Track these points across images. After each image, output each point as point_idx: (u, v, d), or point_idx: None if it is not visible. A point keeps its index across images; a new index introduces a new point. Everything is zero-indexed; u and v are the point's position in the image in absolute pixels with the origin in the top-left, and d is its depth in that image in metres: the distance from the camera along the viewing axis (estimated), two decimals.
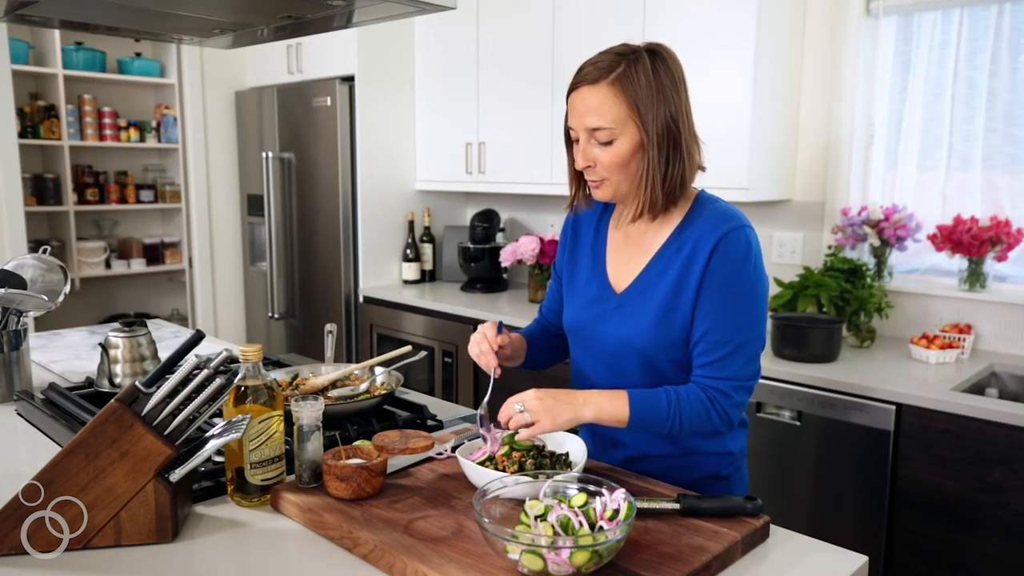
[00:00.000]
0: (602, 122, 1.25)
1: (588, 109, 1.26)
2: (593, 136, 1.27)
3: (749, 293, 1.28)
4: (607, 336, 1.37)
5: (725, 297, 1.26)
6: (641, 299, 1.33)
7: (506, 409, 1.23)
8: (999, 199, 2.49)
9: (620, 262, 1.39)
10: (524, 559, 0.94)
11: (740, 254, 1.26)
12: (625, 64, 1.24)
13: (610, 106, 1.25)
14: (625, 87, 1.24)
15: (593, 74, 1.26)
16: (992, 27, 2.42)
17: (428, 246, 3.78)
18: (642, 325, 1.32)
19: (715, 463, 1.38)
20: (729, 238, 1.26)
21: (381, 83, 3.56)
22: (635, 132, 1.26)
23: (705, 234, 1.28)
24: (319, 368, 1.72)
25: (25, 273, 1.83)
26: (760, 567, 1.07)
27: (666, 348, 1.31)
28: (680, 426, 1.26)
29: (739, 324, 1.27)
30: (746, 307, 1.28)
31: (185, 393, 1.15)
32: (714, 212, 1.31)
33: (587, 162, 1.29)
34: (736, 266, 1.26)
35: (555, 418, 1.21)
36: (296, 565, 1.08)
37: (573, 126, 1.30)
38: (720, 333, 1.26)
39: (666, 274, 1.31)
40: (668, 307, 1.30)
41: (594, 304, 1.40)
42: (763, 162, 2.64)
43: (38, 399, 1.69)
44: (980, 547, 1.94)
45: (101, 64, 3.97)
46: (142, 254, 4.24)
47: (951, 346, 2.33)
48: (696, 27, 2.63)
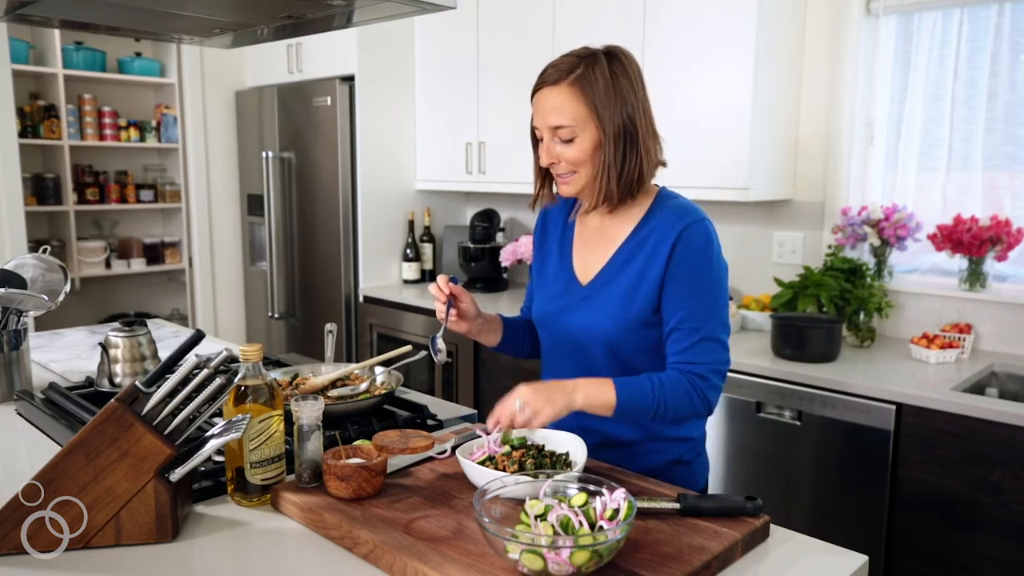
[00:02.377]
0: (563, 120, 1.33)
1: (550, 108, 1.34)
2: (556, 134, 1.34)
3: (715, 281, 1.35)
4: (572, 326, 1.44)
5: (693, 286, 1.34)
6: (605, 290, 1.41)
7: (505, 409, 1.27)
8: (999, 199, 2.49)
9: (586, 256, 1.47)
10: (524, 559, 0.94)
11: (702, 245, 1.34)
12: (584, 66, 1.32)
13: (570, 105, 1.32)
14: (584, 87, 1.32)
15: (554, 76, 1.33)
16: (992, 27, 2.42)
17: (428, 246, 3.78)
18: (605, 314, 1.39)
19: (677, 449, 1.45)
20: (690, 231, 1.34)
21: (381, 83, 3.56)
22: (594, 130, 1.33)
23: (667, 228, 1.35)
24: (319, 368, 1.72)
25: (25, 273, 1.83)
26: (760, 567, 1.07)
27: (628, 336, 1.38)
28: (665, 410, 1.31)
29: (708, 311, 1.34)
30: (713, 294, 1.35)
31: (185, 393, 1.15)
32: (673, 207, 1.39)
33: (551, 159, 1.37)
34: (700, 256, 1.34)
35: (553, 405, 1.26)
36: (296, 565, 1.08)
37: (537, 125, 1.38)
38: (693, 320, 1.33)
39: (629, 266, 1.39)
40: (630, 297, 1.37)
41: (561, 296, 1.47)
42: (763, 162, 2.64)
43: (38, 399, 1.69)
44: (980, 547, 1.94)
45: (101, 64, 3.97)
46: (142, 254, 4.24)
47: (951, 346, 2.33)
48: (696, 27, 2.63)
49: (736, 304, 2.77)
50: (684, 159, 2.68)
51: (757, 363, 2.29)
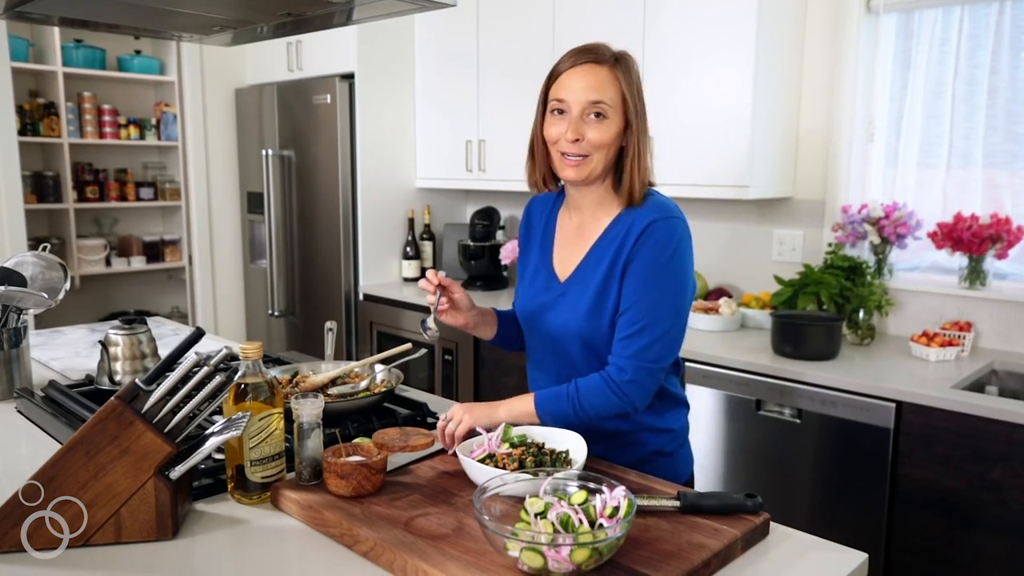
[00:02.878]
0: (604, 97, 1.34)
1: (592, 85, 1.34)
2: (591, 110, 1.34)
3: (666, 279, 1.35)
4: (550, 323, 1.47)
5: (642, 279, 1.35)
6: (580, 286, 1.43)
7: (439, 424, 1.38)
8: (999, 197, 2.49)
9: (566, 252, 1.49)
10: (524, 556, 0.94)
11: (663, 241, 1.35)
12: (618, 56, 1.37)
13: (610, 85, 1.35)
14: (623, 75, 1.36)
15: (596, 56, 1.35)
16: (993, 24, 2.42)
17: (428, 244, 3.78)
18: (579, 311, 1.41)
19: (658, 440, 1.47)
20: (656, 226, 1.35)
21: (381, 81, 3.56)
22: (622, 117, 1.36)
23: (636, 222, 1.37)
24: (319, 366, 1.72)
25: (25, 271, 1.83)
26: (760, 564, 1.07)
27: (601, 332, 1.40)
28: (585, 410, 1.35)
29: (652, 306, 1.34)
30: (661, 291, 1.34)
31: (185, 391, 1.15)
32: (648, 204, 1.40)
33: (577, 135, 1.35)
34: (658, 252, 1.34)
35: (472, 415, 1.36)
36: (296, 562, 1.08)
37: (567, 99, 1.36)
38: (634, 312, 1.35)
39: (601, 262, 1.40)
40: (602, 293, 1.39)
41: (541, 293, 1.50)
42: (763, 160, 2.64)
43: (38, 397, 1.69)
44: (980, 544, 1.95)
45: (101, 62, 3.96)
46: (142, 252, 4.24)
47: (951, 344, 2.33)
48: (697, 25, 2.63)
49: (736, 302, 2.77)
50: (684, 157, 2.68)
51: (757, 361, 2.29)
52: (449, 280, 1.46)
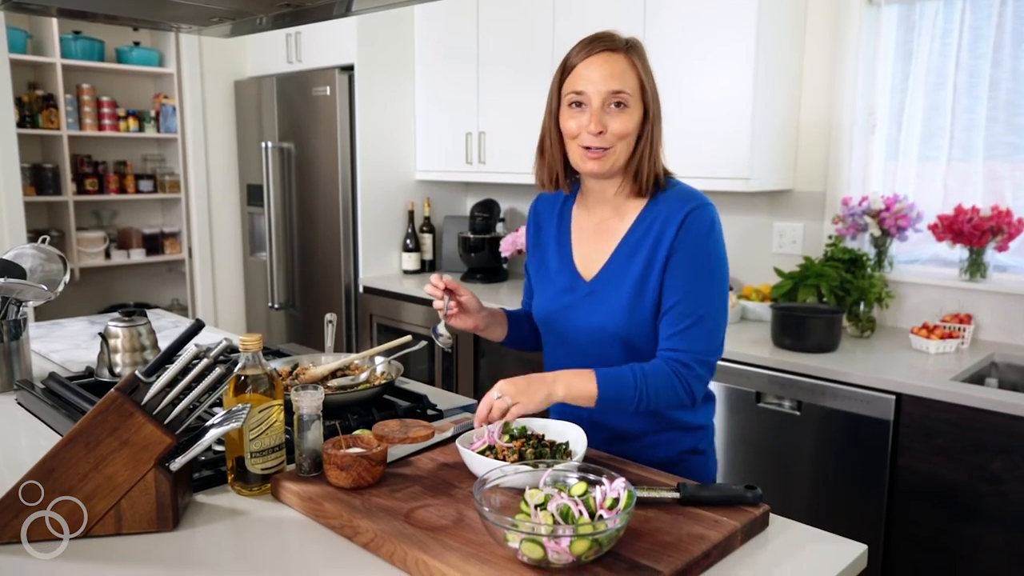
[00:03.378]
0: (624, 86, 1.30)
1: (611, 74, 1.30)
2: (609, 100, 1.30)
3: (713, 267, 1.33)
4: (579, 324, 1.40)
5: (690, 271, 1.31)
6: (612, 284, 1.37)
7: (484, 402, 1.25)
8: (1000, 189, 2.48)
9: (587, 250, 1.43)
10: (524, 547, 0.94)
11: (705, 230, 1.32)
12: (629, 43, 1.34)
13: (629, 73, 1.31)
14: (639, 62, 1.33)
15: (611, 43, 1.32)
16: (995, 16, 2.41)
17: (428, 236, 3.78)
18: (615, 310, 1.36)
19: (691, 438, 1.43)
20: (694, 215, 1.32)
21: (381, 73, 3.55)
22: (641, 105, 1.33)
23: (671, 213, 1.33)
24: (319, 358, 1.72)
25: (24, 263, 1.82)
26: (760, 556, 1.08)
27: (641, 329, 1.35)
28: (648, 400, 1.29)
29: (702, 297, 1.31)
30: (709, 281, 1.32)
31: (185, 382, 1.15)
32: (677, 193, 1.37)
33: (600, 127, 1.30)
34: (701, 241, 1.31)
35: (532, 396, 1.24)
36: (297, 554, 1.08)
37: (586, 90, 1.31)
38: (684, 305, 1.31)
39: (635, 256, 1.36)
40: (639, 289, 1.34)
41: (564, 294, 1.43)
42: (764, 152, 2.63)
43: (38, 388, 1.69)
44: (979, 536, 1.95)
45: (99, 53, 3.95)
46: (142, 244, 4.24)
47: (951, 336, 2.33)
48: (697, 16, 2.62)
49: (736, 294, 2.77)
50: (685, 149, 2.67)
51: (757, 353, 2.29)
52: (455, 283, 1.42)
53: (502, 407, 1.23)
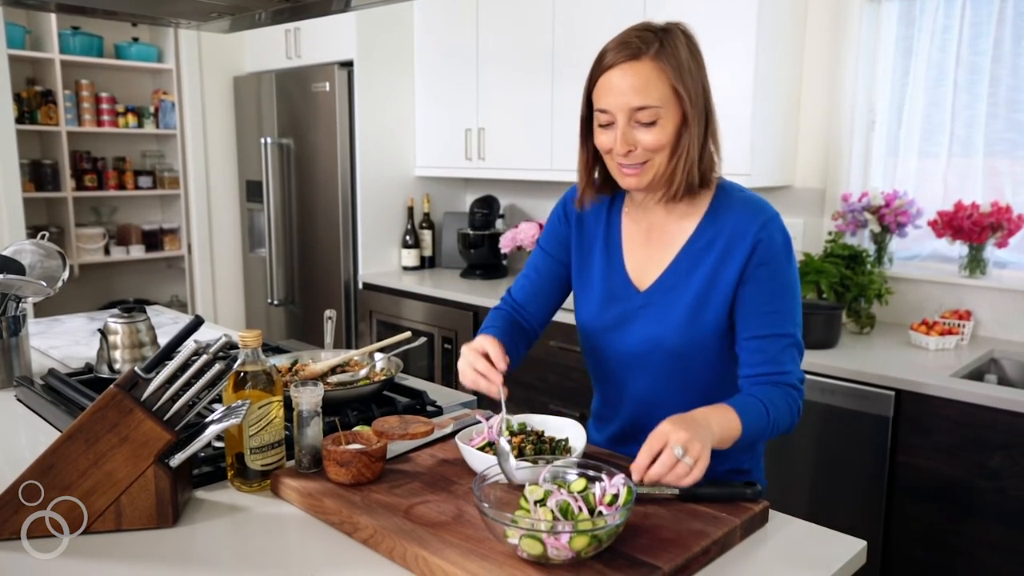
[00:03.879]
0: (648, 100, 1.18)
1: (632, 88, 1.18)
2: (635, 117, 1.20)
3: (794, 283, 1.26)
4: (633, 337, 1.31)
5: (774, 289, 1.23)
6: (669, 297, 1.28)
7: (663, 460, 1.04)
8: (1000, 185, 2.48)
9: (641, 258, 1.33)
10: (523, 544, 0.94)
11: (783, 244, 1.24)
12: (661, 39, 1.20)
13: (655, 83, 1.18)
14: (668, 61, 1.19)
15: (632, 50, 1.19)
16: (995, 12, 2.40)
17: (427, 232, 3.78)
18: (672, 324, 1.27)
19: (739, 457, 1.35)
20: (770, 229, 1.23)
21: (380, 68, 3.54)
22: (678, 109, 1.20)
23: (740, 227, 1.24)
24: (319, 354, 1.72)
25: (24, 259, 1.82)
26: (759, 552, 1.08)
27: (697, 346, 1.27)
28: (774, 431, 1.20)
29: (789, 315, 1.25)
30: (795, 296, 1.26)
31: (184, 379, 1.15)
32: (744, 202, 1.27)
33: (628, 146, 1.21)
34: (782, 258, 1.24)
35: (707, 450, 1.07)
36: (296, 550, 1.08)
37: (609, 108, 1.21)
38: (776, 327, 1.24)
39: (697, 270, 1.26)
40: (700, 304, 1.26)
41: (614, 303, 1.33)
42: (764, 148, 2.63)
43: (38, 385, 1.69)
44: (978, 532, 1.95)
45: (98, 49, 3.94)
46: (141, 240, 4.23)
47: (951, 332, 2.33)
48: (698, 11, 2.61)
49: None
50: None
51: None
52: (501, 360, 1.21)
53: (686, 468, 1.04)
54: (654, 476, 1.04)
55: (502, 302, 1.50)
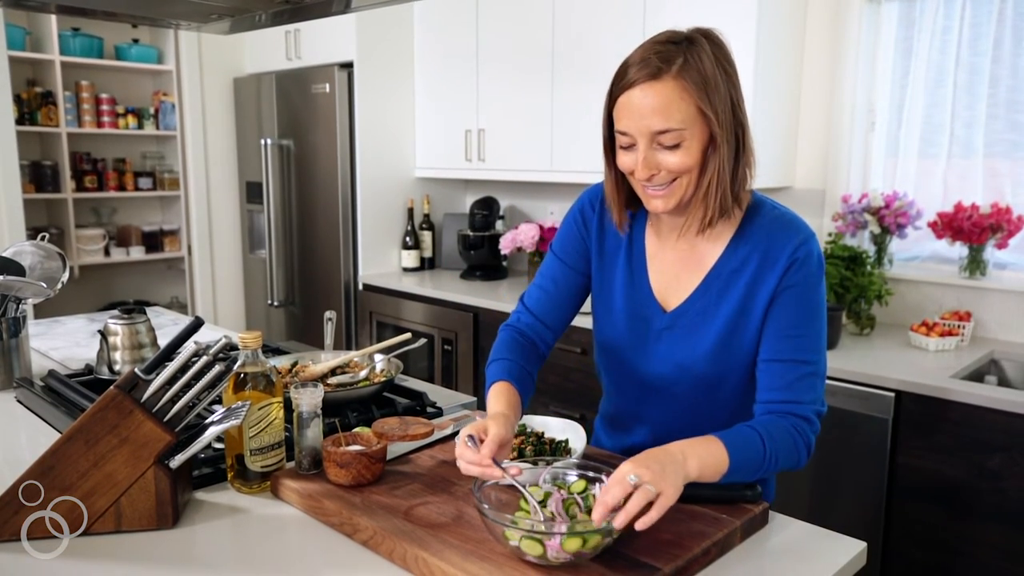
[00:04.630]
0: (670, 123, 1.10)
1: (652, 109, 1.09)
2: (657, 140, 1.12)
3: (823, 309, 1.20)
4: (657, 359, 1.26)
5: (802, 314, 1.17)
6: (699, 320, 1.22)
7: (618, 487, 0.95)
8: (1000, 186, 2.48)
9: (668, 277, 1.26)
10: (524, 544, 0.94)
11: (815, 269, 1.18)
12: (686, 53, 1.10)
13: (678, 104, 1.09)
14: (692, 79, 1.09)
15: (652, 68, 1.09)
16: (995, 13, 2.40)
17: (427, 233, 3.78)
18: (701, 349, 1.21)
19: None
20: (803, 252, 1.17)
21: (380, 70, 3.54)
22: (704, 129, 1.12)
23: (775, 247, 1.17)
24: (319, 355, 1.72)
25: (24, 260, 1.82)
26: (759, 553, 1.08)
27: (731, 374, 1.22)
28: (771, 467, 1.12)
29: (814, 342, 1.18)
30: (820, 323, 1.19)
31: (184, 380, 1.15)
32: (777, 221, 1.20)
33: (651, 170, 1.13)
34: (814, 282, 1.18)
35: (674, 482, 0.97)
36: (296, 551, 1.08)
37: (629, 131, 1.13)
38: (798, 352, 1.17)
39: (729, 292, 1.20)
40: (732, 329, 1.20)
41: (638, 322, 1.27)
42: (764, 148, 2.62)
43: (38, 386, 1.69)
44: (978, 533, 1.95)
45: (98, 50, 3.94)
46: (141, 241, 4.23)
47: (951, 333, 2.33)
48: (698, 13, 2.62)
49: None
50: None
51: None
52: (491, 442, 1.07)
53: (648, 497, 0.94)
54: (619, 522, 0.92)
55: (515, 316, 1.39)
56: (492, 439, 1.07)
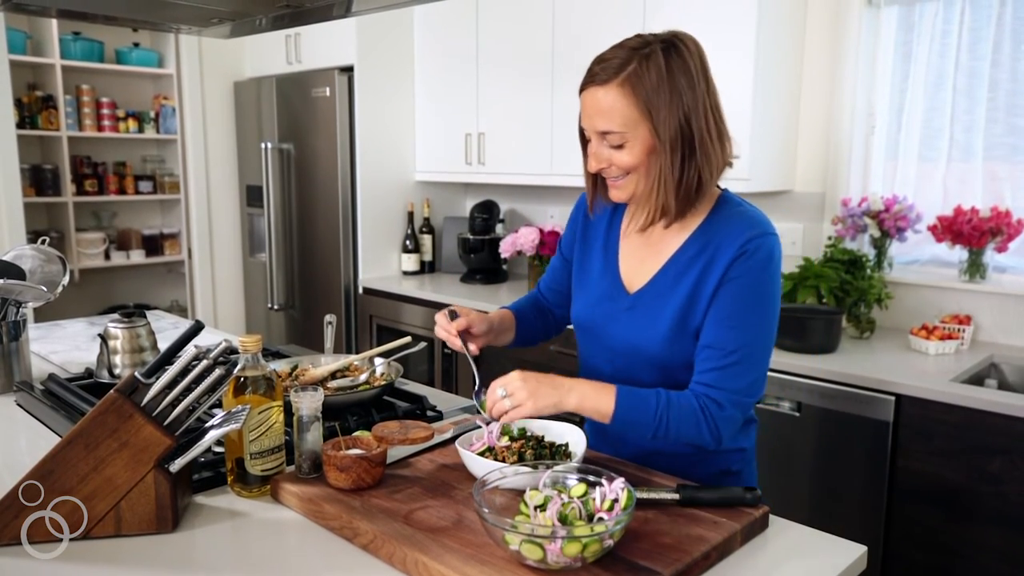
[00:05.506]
0: (612, 125, 1.19)
1: (597, 111, 1.20)
2: (604, 139, 1.22)
3: (765, 304, 1.23)
4: (617, 337, 1.33)
5: (740, 305, 1.21)
6: (655, 304, 1.29)
7: (490, 396, 1.22)
8: (1000, 190, 2.48)
9: (634, 261, 1.35)
10: (524, 549, 0.94)
11: (761, 262, 1.21)
12: (636, 61, 1.17)
13: (620, 109, 1.18)
14: (636, 87, 1.17)
15: (602, 74, 1.19)
16: (994, 16, 2.41)
17: (427, 237, 3.78)
18: (656, 331, 1.28)
19: (728, 459, 1.36)
20: (755, 244, 1.21)
21: (380, 73, 3.55)
22: (647, 135, 1.19)
23: (728, 238, 1.23)
24: (319, 359, 1.72)
25: (24, 264, 1.82)
26: (759, 557, 1.08)
27: (678, 354, 1.27)
28: (666, 432, 1.20)
29: (748, 336, 1.21)
30: (759, 318, 1.22)
31: (185, 383, 1.15)
32: (738, 217, 1.25)
33: (600, 164, 1.24)
34: (756, 274, 1.21)
35: (537, 401, 1.18)
36: (296, 555, 1.08)
37: (584, 127, 1.25)
38: (729, 342, 1.21)
39: (683, 280, 1.26)
40: (684, 314, 1.25)
41: (604, 301, 1.36)
42: (764, 152, 2.63)
43: (38, 390, 1.69)
44: (978, 537, 1.95)
45: (99, 54, 3.95)
46: (141, 245, 4.24)
47: (950, 337, 2.33)
48: (697, 17, 2.62)
49: None
50: None
51: None
52: (463, 319, 1.36)
53: (502, 408, 1.19)
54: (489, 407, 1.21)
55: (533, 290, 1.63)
56: (465, 316, 1.35)
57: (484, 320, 1.40)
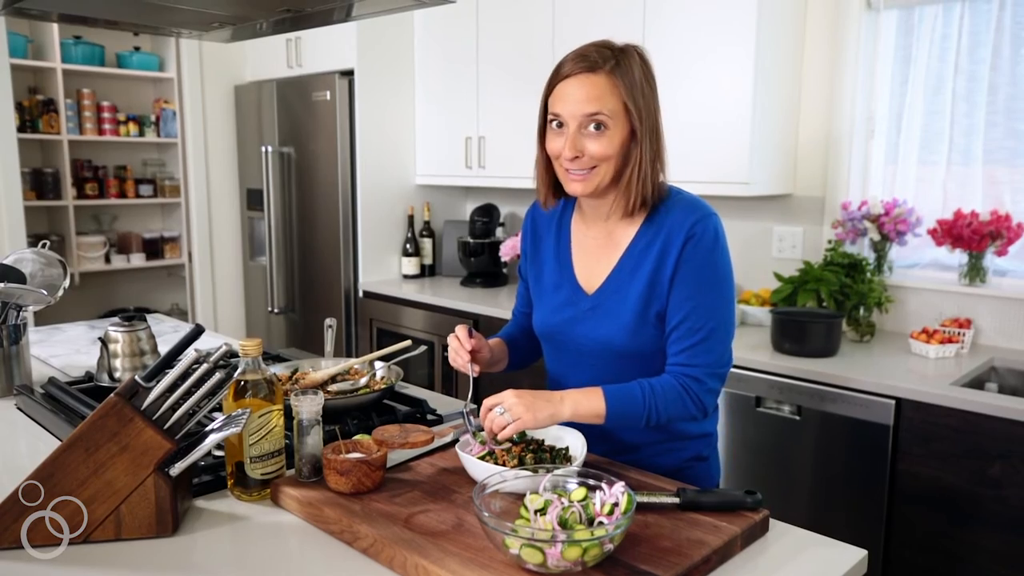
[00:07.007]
0: (602, 108, 1.26)
1: (587, 96, 1.26)
2: (589, 121, 1.27)
3: (720, 280, 1.31)
4: (583, 339, 1.38)
5: (697, 285, 1.29)
6: (615, 298, 1.35)
7: (485, 415, 1.24)
8: (999, 193, 2.49)
9: (589, 262, 1.41)
10: (524, 553, 0.94)
11: (709, 243, 1.30)
12: (618, 58, 1.28)
13: (608, 96, 1.26)
14: (622, 79, 1.27)
15: (589, 63, 1.27)
16: (994, 20, 2.41)
17: (428, 241, 3.78)
18: (619, 324, 1.34)
19: (696, 445, 1.43)
20: (700, 226, 1.30)
21: (381, 77, 3.55)
22: (626, 124, 1.28)
23: (675, 226, 1.31)
24: (319, 362, 1.72)
25: (24, 267, 1.83)
26: (759, 561, 1.07)
27: (648, 343, 1.33)
28: (657, 417, 1.28)
29: (711, 311, 1.29)
30: (717, 294, 1.31)
31: (185, 387, 1.15)
32: (681, 204, 1.34)
33: (576, 152, 1.28)
34: (706, 254, 1.30)
35: (536, 414, 1.22)
36: (296, 559, 1.08)
37: (562, 114, 1.29)
38: (693, 320, 1.29)
39: (639, 270, 1.33)
40: (645, 303, 1.32)
41: (565, 307, 1.41)
42: (764, 156, 2.64)
43: (38, 393, 1.69)
44: (979, 540, 1.95)
45: (100, 58, 3.96)
46: (142, 248, 4.24)
47: (951, 341, 2.33)
48: (697, 22, 2.63)
49: (736, 299, 2.77)
50: (685, 154, 2.67)
51: (757, 358, 2.29)
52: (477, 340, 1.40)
53: (502, 424, 1.22)
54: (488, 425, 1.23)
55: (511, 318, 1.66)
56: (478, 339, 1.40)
57: (488, 347, 1.44)
